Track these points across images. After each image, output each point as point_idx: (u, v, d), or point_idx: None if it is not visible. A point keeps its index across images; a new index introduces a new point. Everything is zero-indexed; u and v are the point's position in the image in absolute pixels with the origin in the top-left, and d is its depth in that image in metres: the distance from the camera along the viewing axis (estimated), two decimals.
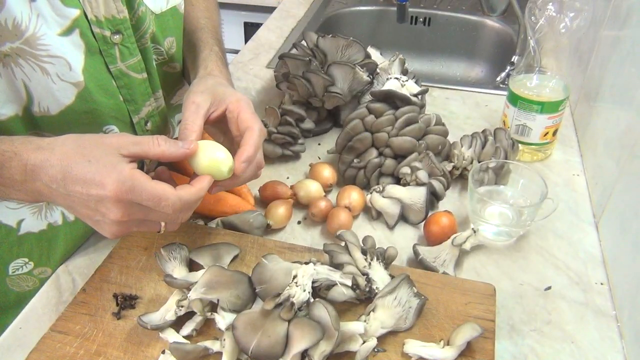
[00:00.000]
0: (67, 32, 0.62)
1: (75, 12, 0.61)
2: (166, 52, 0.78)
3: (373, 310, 0.60)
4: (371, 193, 0.80)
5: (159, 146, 0.56)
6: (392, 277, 0.64)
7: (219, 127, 0.69)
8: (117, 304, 0.64)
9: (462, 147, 0.87)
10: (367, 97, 0.95)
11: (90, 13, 0.63)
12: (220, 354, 0.58)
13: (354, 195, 0.79)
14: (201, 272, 0.64)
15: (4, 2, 0.55)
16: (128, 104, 0.72)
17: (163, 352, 0.59)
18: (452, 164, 0.85)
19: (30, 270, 0.74)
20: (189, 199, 0.56)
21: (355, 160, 0.84)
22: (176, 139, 0.61)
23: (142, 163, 0.81)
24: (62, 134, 0.67)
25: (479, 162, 0.84)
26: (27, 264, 0.73)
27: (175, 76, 0.83)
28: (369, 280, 0.62)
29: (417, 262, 0.72)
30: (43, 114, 0.64)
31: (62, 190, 0.54)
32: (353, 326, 0.58)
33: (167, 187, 0.55)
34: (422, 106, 0.91)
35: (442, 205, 0.83)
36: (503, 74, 1.30)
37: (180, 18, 0.79)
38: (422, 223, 0.78)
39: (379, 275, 0.64)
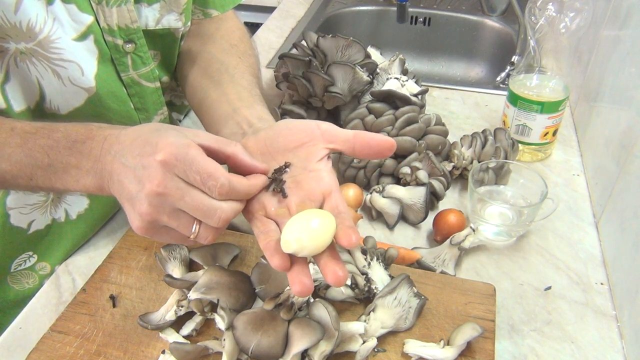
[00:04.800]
0: (82, 37, 0.62)
1: (89, 19, 0.62)
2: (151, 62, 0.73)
3: (373, 310, 0.60)
4: (371, 193, 0.80)
5: (235, 146, 0.53)
6: (392, 277, 0.64)
7: None
8: (114, 306, 0.64)
9: (462, 147, 0.87)
10: (367, 97, 0.95)
11: (103, 21, 0.63)
12: (220, 354, 0.57)
13: (350, 192, 0.79)
14: (201, 272, 0.64)
15: (20, 3, 0.56)
16: (139, 112, 0.72)
17: (163, 352, 0.59)
18: (452, 164, 0.85)
19: (33, 265, 0.74)
20: (238, 188, 0.51)
21: (355, 160, 0.84)
22: None
23: None
24: None
25: (479, 162, 0.84)
26: (31, 257, 0.73)
27: (157, 93, 0.77)
28: (368, 280, 0.62)
29: (417, 262, 0.72)
30: (53, 112, 0.64)
31: (123, 160, 0.51)
32: (353, 326, 0.58)
33: (221, 167, 0.51)
34: (422, 106, 0.91)
35: (442, 205, 0.83)
36: (503, 74, 1.29)
37: (175, 41, 0.76)
38: (423, 222, 0.78)
39: (379, 275, 0.63)
